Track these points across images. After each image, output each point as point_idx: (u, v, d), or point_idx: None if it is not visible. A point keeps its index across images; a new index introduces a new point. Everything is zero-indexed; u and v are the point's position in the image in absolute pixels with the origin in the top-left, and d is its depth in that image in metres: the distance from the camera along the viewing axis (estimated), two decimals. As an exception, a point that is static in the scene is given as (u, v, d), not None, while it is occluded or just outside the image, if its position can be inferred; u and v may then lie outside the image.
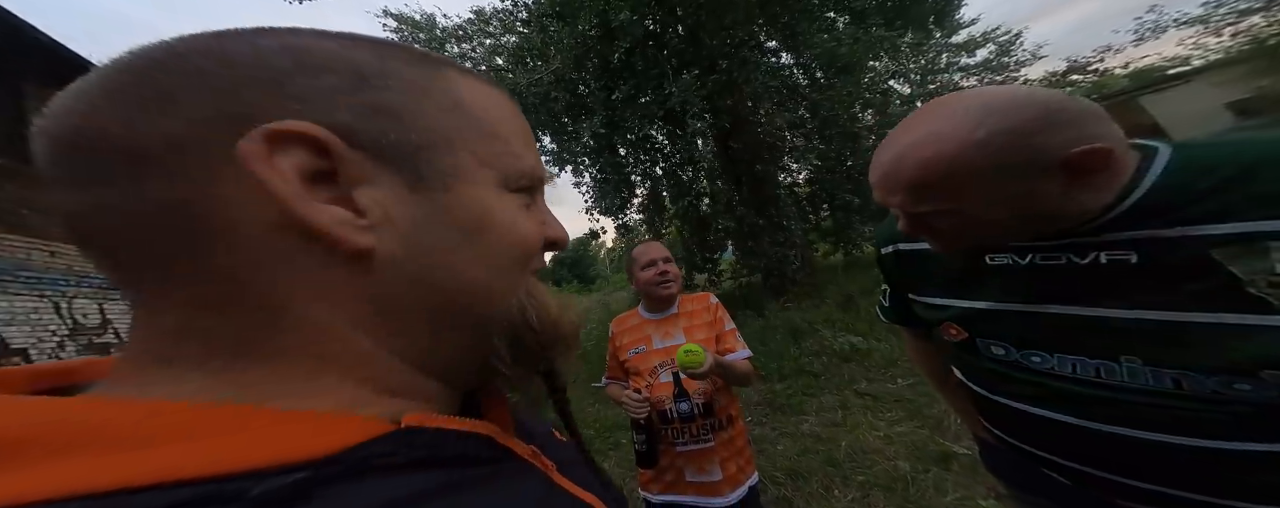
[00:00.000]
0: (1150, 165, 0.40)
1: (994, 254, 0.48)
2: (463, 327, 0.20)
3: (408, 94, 0.19)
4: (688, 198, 5.21)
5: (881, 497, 1.57)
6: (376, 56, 0.19)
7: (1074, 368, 0.43)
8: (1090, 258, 0.41)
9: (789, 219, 4.98)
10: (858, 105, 5.60)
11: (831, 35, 4.89)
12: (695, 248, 6.09)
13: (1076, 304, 0.43)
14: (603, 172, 5.35)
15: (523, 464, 0.23)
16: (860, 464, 1.79)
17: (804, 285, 4.76)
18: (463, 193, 0.20)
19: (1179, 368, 0.38)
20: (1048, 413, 0.46)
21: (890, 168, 0.43)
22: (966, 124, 0.38)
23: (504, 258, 0.21)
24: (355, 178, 0.17)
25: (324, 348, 0.17)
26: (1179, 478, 0.41)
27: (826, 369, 2.93)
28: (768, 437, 2.23)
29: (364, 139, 0.18)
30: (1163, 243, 0.38)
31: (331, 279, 0.17)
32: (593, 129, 4.59)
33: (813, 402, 2.54)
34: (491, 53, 5.18)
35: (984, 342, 0.50)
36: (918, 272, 0.59)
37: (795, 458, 1.94)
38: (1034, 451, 0.51)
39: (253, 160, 0.15)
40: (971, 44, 10.21)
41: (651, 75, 4.39)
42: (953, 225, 0.43)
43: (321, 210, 0.17)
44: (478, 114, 0.21)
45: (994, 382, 0.52)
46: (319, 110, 0.17)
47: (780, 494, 1.71)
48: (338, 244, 0.17)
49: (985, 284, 0.49)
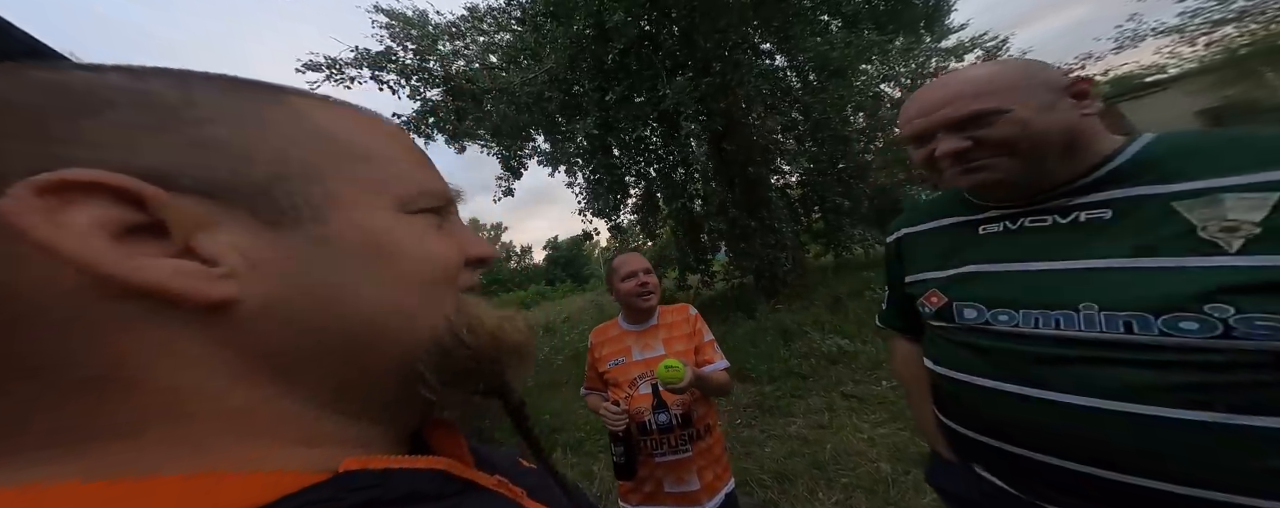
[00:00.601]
0: (1132, 144, 0.47)
1: (990, 222, 0.54)
2: (380, 360, 0.19)
3: (237, 126, 0.17)
4: (681, 199, 5.24)
5: (863, 498, 1.62)
6: (177, 85, 0.17)
7: (1037, 322, 0.47)
8: (1072, 217, 0.47)
9: (780, 221, 5.04)
10: (849, 108, 5.66)
11: (824, 39, 4.94)
12: (688, 249, 6.13)
13: (1051, 259, 0.47)
14: (596, 172, 5.34)
15: (487, 494, 0.22)
16: (844, 467, 1.84)
17: (795, 287, 4.82)
18: (347, 222, 0.18)
19: (1130, 310, 0.41)
20: (1004, 385, 0.49)
21: (950, 85, 0.49)
22: (990, 64, 0.50)
23: (415, 282, 0.20)
24: (189, 226, 0.15)
25: (201, 410, 0.15)
26: (1118, 456, 0.42)
27: (815, 371, 2.99)
28: (756, 439, 2.27)
29: (188, 181, 0.15)
30: (1133, 199, 0.44)
31: (190, 337, 0.15)
32: (586, 130, 4.59)
33: (800, 404, 2.60)
34: (485, 50, 5.13)
35: (959, 306, 0.54)
36: (915, 252, 0.64)
37: (782, 460, 1.98)
38: (985, 439, 0.53)
39: (21, 218, 0.13)
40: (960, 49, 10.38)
41: (645, 76, 4.39)
42: (1005, 132, 0.46)
43: (149, 266, 0.15)
44: (347, 138, 0.20)
45: (953, 354, 0.55)
46: (113, 156, 0.14)
47: (767, 498, 1.75)
48: (185, 300, 0.15)
49: (975, 249, 0.55)
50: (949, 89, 0.49)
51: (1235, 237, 0.38)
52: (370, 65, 4.48)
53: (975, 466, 0.56)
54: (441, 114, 4.73)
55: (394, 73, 4.54)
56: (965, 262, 0.55)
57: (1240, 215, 0.38)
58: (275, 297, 0.16)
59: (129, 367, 0.15)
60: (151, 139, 0.15)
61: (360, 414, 0.19)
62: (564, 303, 14.33)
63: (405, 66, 4.52)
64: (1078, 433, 0.44)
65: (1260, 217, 0.38)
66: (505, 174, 5.65)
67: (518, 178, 5.71)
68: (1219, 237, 0.39)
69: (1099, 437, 0.43)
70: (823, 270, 6.09)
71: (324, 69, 4.40)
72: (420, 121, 4.75)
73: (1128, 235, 0.44)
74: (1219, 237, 0.39)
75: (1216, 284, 0.38)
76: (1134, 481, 0.41)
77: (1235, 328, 0.37)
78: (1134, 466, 0.41)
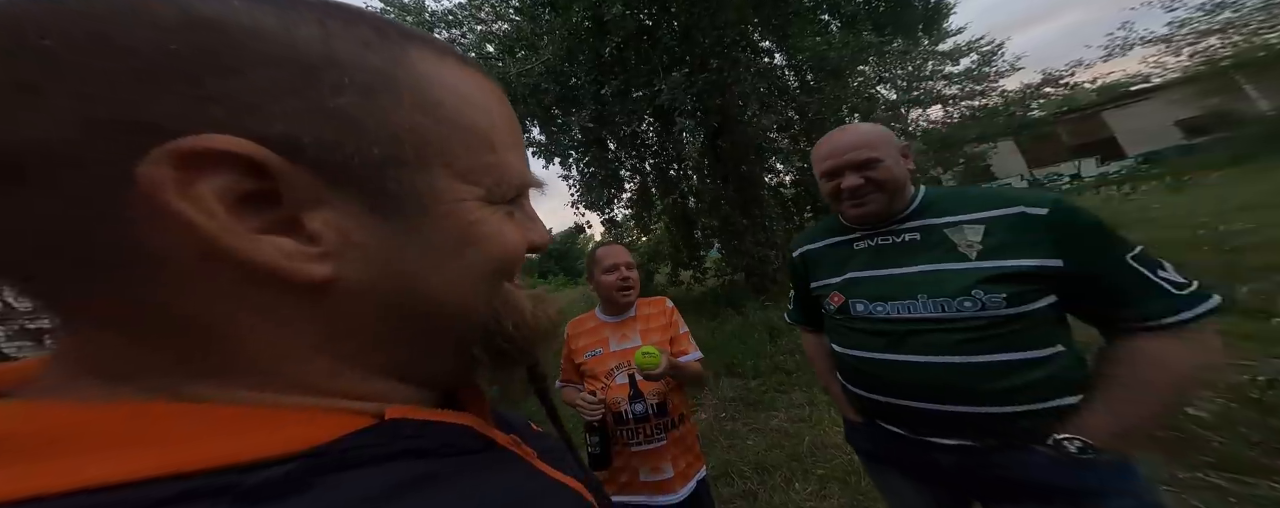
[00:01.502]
0: (918, 192, 0.75)
1: (860, 241, 0.78)
2: (442, 342, 0.20)
3: (368, 94, 0.16)
4: (675, 195, 5.26)
5: (836, 489, 1.69)
6: (323, 36, 0.16)
7: (896, 310, 0.69)
8: (902, 238, 0.73)
9: (773, 220, 5.09)
10: (845, 109, 5.72)
11: (823, 38, 4.96)
12: (681, 245, 6.17)
13: (899, 267, 0.71)
14: (591, 166, 5.34)
15: (505, 453, 0.23)
16: (821, 459, 1.91)
17: (784, 285, 4.90)
18: (442, 214, 0.18)
19: (941, 297, 0.65)
20: (879, 354, 0.71)
21: (846, 137, 0.74)
22: (866, 125, 0.76)
23: (486, 272, 0.20)
24: (302, 200, 0.15)
25: (281, 369, 0.17)
26: (942, 392, 0.65)
27: (799, 367, 3.06)
28: (739, 432, 2.34)
29: (311, 154, 0.15)
30: (927, 227, 0.71)
31: (283, 309, 0.16)
32: (582, 123, 4.57)
33: (783, 398, 2.67)
34: (482, 39, 5.05)
35: (852, 302, 0.76)
36: (816, 265, 0.86)
37: (762, 453, 2.05)
38: (871, 395, 0.74)
39: (162, 191, 0.13)
40: (956, 53, 10.43)
41: (642, 71, 4.38)
42: (880, 175, 0.71)
43: (260, 244, 0.15)
44: (459, 118, 0.19)
45: (853, 338, 0.76)
46: (250, 119, 0.14)
47: (745, 488, 1.82)
48: (288, 278, 0.15)
49: (854, 261, 0.78)
50: (853, 138, 0.73)
51: (973, 250, 0.65)
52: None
53: (877, 420, 0.77)
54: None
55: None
56: (849, 270, 0.78)
57: (971, 237, 0.66)
58: (362, 280, 0.17)
59: (226, 322, 0.15)
60: (288, 103, 0.15)
61: (413, 381, 0.21)
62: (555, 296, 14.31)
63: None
64: (922, 380, 0.66)
65: (979, 238, 0.65)
66: (500, 165, 5.60)
67: (512, 169, 5.66)
68: (966, 250, 0.66)
69: (931, 381, 0.66)
70: (812, 269, 6.16)
71: None
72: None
73: (929, 250, 0.69)
74: (966, 250, 0.66)
75: (974, 279, 0.63)
76: (949, 408, 0.65)
77: (985, 304, 0.61)
78: (948, 397, 0.64)
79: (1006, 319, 0.61)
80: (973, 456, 0.65)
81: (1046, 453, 0.59)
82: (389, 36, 0.18)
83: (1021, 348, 0.60)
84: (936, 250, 0.68)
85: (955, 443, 0.66)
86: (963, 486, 0.70)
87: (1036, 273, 0.60)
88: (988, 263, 0.63)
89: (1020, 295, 0.60)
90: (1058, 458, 0.58)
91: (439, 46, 0.20)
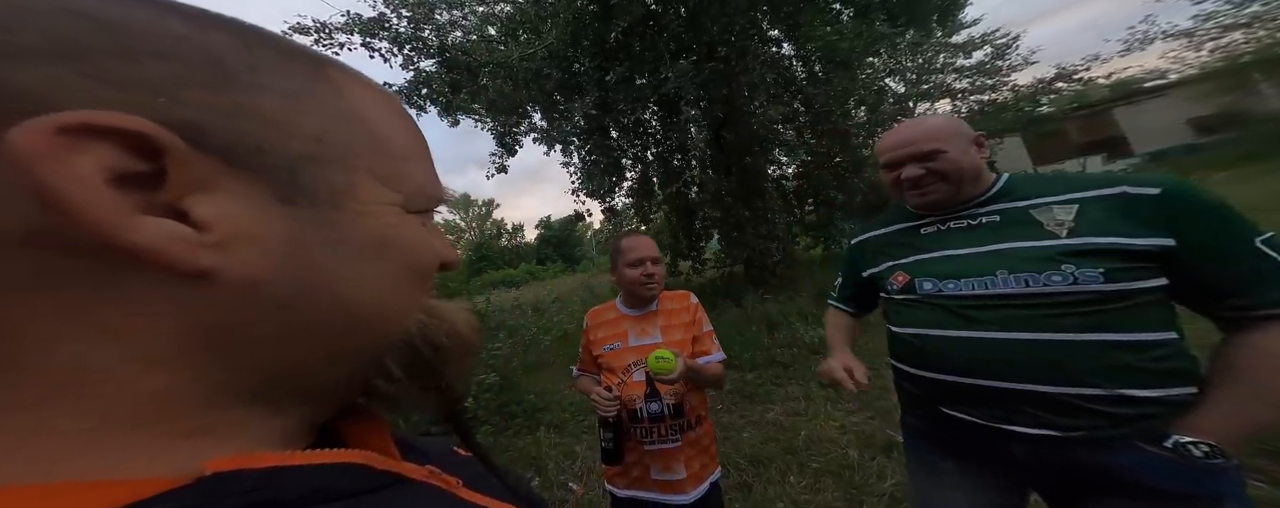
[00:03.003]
0: (998, 179, 0.76)
1: (928, 225, 0.79)
2: (348, 350, 0.19)
3: (287, 97, 0.17)
4: (677, 185, 5.21)
5: (831, 482, 1.73)
6: (241, 44, 0.16)
7: (969, 286, 0.69)
8: (977, 220, 0.74)
9: (774, 212, 5.06)
10: (852, 102, 5.62)
11: (834, 28, 4.84)
12: (681, 235, 6.15)
13: (972, 246, 0.72)
14: (593, 153, 5.27)
15: (416, 487, 0.21)
16: (816, 453, 1.95)
17: (783, 278, 4.91)
18: (358, 212, 0.18)
19: (1024, 271, 0.64)
20: (949, 332, 0.71)
21: (910, 130, 0.76)
22: (937, 117, 0.78)
23: (404, 280, 0.20)
24: (192, 184, 0.14)
25: (99, 392, 0.14)
26: (1025, 370, 0.62)
27: (795, 360, 3.10)
28: (735, 424, 2.38)
29: (213, 141, 0.15)
30: (1008, 210, 0.71)
31: (127, 308, 0.14)
32: (585, 109, 4.49)
33: (780, 391, 2.70)
34: (483, 21, 4.91)
35: (919, 280, 0.76)
36: (876, 251, 0.87)
37: (758, 446, 2.09)
38: (936, 375, 0.73)
39: (35, 160, 0.12)
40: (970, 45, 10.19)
41: (648, 58, 4.28)
42: (943, 165, 0.73)
43: (147, 226, 0.13)
44: (376, 128, 0.20)
45: (917, 316, 0.76)
46: (151, 103, 0.14)
47: (741, 480, 1.85)
48: (170, 265, 0.14)
49: (922, 242, 0.79)
50: (916, 131, 0.75)
51: (1062, 228, 0.64)
52: (361, 31, 4.26)
53: (941, 407, 0.74)
54: (435, 86, 4.56)
55: (386, 40, 4.32)
56: (916, 252, 0.79)
57: (1062, 216, 0.65)
58: (258, 275, 0.16)
59: (26, 337, 0.13)
60: (197, 95, 0.15)
61: (281, 404, 0.18)
62: (554, 283, 14.35)
63: (398, 34, 4.31)
64: (999, 356, 0.65)
65: (1070, 217, 0.64)
66: (499, 150, 5.55)
67: (512, 155, 5.61)
68: (1055, 229, 0.65)
69: (1012, 356, 0.64)
70: (811, 262, 6.19)
71: (312, 33, 4.19)
72: (413, 92, 4.59)
73: (1011, 229, 0.70)
74: (1055, 229, 0.65)
75: (1062, 253, 0.62)
76: (1032, 387, 0.62)
77: (1078, 278, 0.60)
78: (1031, 374, 0.62)
79: (1105, 296, 0.58)
80: (1055, 448, 0.61)
81: (1164, 455, 0.55)
82: (306, 54, 0.19)
83: (1126, 329, 0.58)
84: (1019, 229, 0.68)
85: (1037, 433, 0.62)
86: (1037, 479, 0.67)
87: (1143, 252, 0.58)
88: (1078, 239, 0.62)
89: (1123, 272, 0.58)
90: (1180, 462, 0.54)
91: (351, 70, 0.21)
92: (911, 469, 0.84)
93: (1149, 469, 0.56)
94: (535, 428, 2.77)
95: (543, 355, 4.28)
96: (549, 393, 3.26)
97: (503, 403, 2.90)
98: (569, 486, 2.07)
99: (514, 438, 2.65)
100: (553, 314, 6.00)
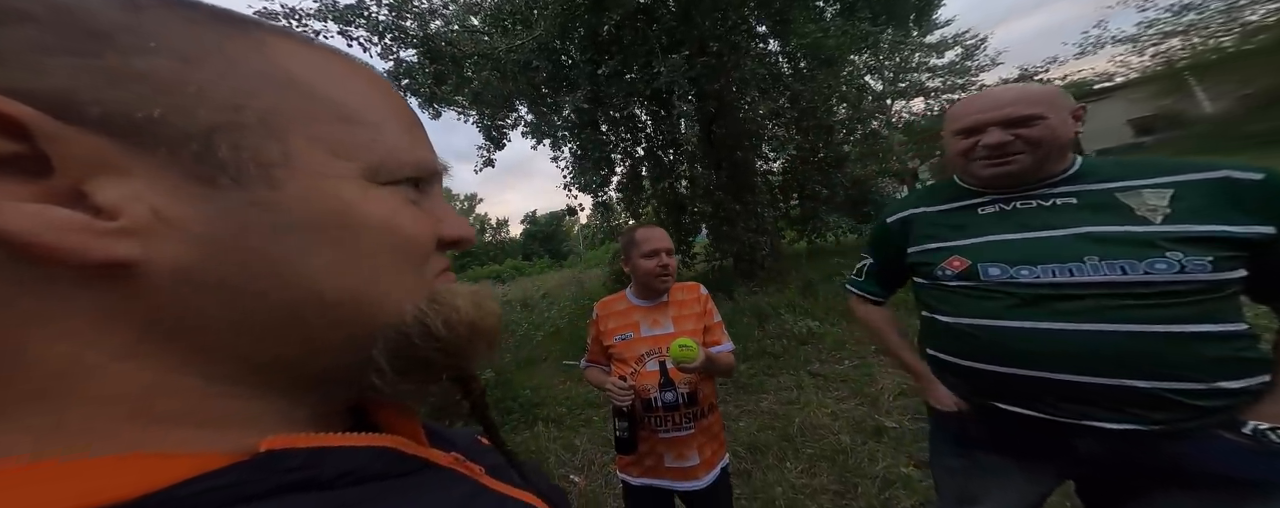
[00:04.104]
0: (1076, 160, 0.71)
1: (987, 205, 0.73)
2: (331, 340, 0.17)
3: (183, 59, 0.15)
4: (668, 180, 5.23)
5: (825, 467, 1.82)
6: (122, 7, 0.14)
7: (1052, 273, 0.63)
8: (1051, 201, 0.68)
9: (762, 206, 5.16)
10: (835, 98, 5.76)
11: (819, 26, 4.92)
12: (671, 229, 6.18)
13: (1051, 229, 0.66)
14: (583, 148, 5.22)
15: (442, 472, 0.21)
16: (810, 439, 2.04)
17: (771, 271, 5.03)
18: (303, 188, 0.16)
19: (1120, 258, 0.59)
20: (1018, 322, 0.64)
21: (1005, 93, 0.69)
22: (1033, 84, 0.70)
23: (378, 263, 0.18)
24: (84, 166, 0.13)
25: (78, 391, 0.13)
26: (1117, 365, 0.58)
27: (785, 351, 3.19)
28: (731, 414, 2.45)
29: (95, 113, 0.13)
30: (1088, 192, 0.66)
31: (65, 304, 0.13)
32: (576, 103, 4.43)
33: (772, 381, 2.79)
34: (466, 10, 4.75)
35: (983, 265, 0.69)
36: (923, 230, 0.80)
37: (755, 434, 2.16)
38: (997, 368, 0.67)
39: None
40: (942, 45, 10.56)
41: (640, 52, 4.25)
42: (1038, 132, 0.66)
43: (14, 212, 0.12)
44: (323, 91, 0.18)
45: (979, 305, 0.69)
46: (7, 73, 0.12)
47: (741, 468, 1.92)
48: (55, 257, 0.13)
49: (982, 224, 0.72)
50: (1012, 94, 0.68)
51: (1156, 214, 0.60)
52: (337, 19, 4.05)
53: (995, 401, 0.69)
54: (417, 77, 4.40)
55: (364, 28, 4.13)
56: (975, 234, 0.72)
57: (1154, 201, 0.61)
58: (193, 262, 0.14)
59: (22, 341, 0.13)
60: (63, 62, 0.13)
61: (293, 391, 0.18)
62: (542, 279, 14.18)
63: (377, 22, 4.13)
64: (1082, 350, 0.60)
65: (1165, 202, 0.61)
66: (486, 144, 5.42)
67: (500, 148, 5.49)
68: (1147, 214, 0.61)
69: (1100, 350, 0.59)
70: (797, 256, 6.35)
71: (282, 19, 3.96)
72: (393, 83, 4.41)
73: (1093, 213, 0.64)
74: (1147, 214, 0.61)
75: (1162, 239, 0.58)
76: (1125, 382, 0.58)
77: (1185, 266, 0.56)
78: (1125, 370, 0.58)
79: (1210, 286, 0.56)
80: (1132, 441, 0.58)
81: (1243, 443, 0.54)
82: (223, 16, 0.17)
83: (1221, 320, 0.56)
84: (1104, 214, 0.63)
85: (1119, 428, 0.58)
86: (1096, 473, 0.64)
87: (1243, 240, 0.56)
88: (1182, 226, 0.58)
89: (1228, 261, 0.56)
90: (1257, 448, 0.53)
91: (298, 36, 0.19)
92: (944, 462, 0.80)
93: (1225, 458, 0.55)
94: (532, 423, 2.78)
95: (535, 352, 4.26)
96: (544, 388, 3.26)
97: (498, 399, 2.90)
98: (571, 478, 2.09)
99: (512, 434, 2.65)
100: (543, 310, 5.95)
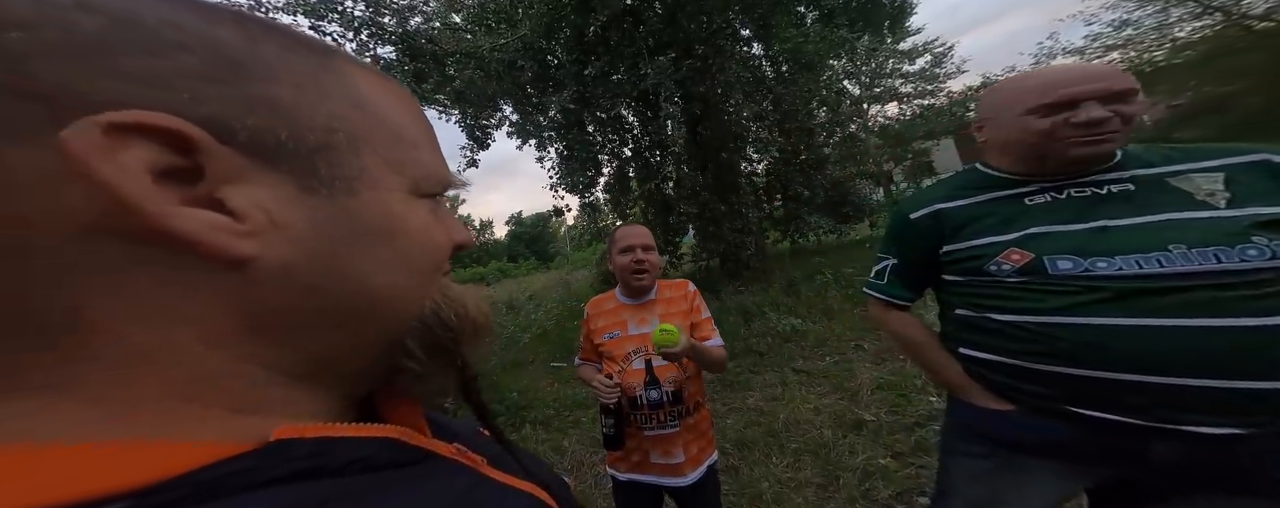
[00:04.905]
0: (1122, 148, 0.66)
1: (1035, 195, 0.66)
2: (371, 333, 0.20)
3: (298, 88, 0.17)
4: (655, 181, 5.27)
5: (810, 461, 1.89)
6: (245, 37, 0.17)
7: (1136, 264, 0.56)
8: (1105, 189, 0.63)
9: (747, 207, 5.26)
10: (815, 102, 5.93)
11: (800, 31, 5.06)
12: (657, 230, 6.23)
13: (1122, 217, 0.60)
14: (570, 148, 5.20)
15: (444, 463, 0.22)
16: (794, 434, 2.11)
17: (756, 271, 5.13)
18: (371, 199, 0.19)
19: (1212, 245, 0.54)
20: (1099, 319, 0.57)
21: (1095, 67, 0.63)
22: (1110, 64, 0.65)
23: (417, 264, 0.21)
24: (226, 177, 0.15)
25: (155, 372, 0.15)
26: (1208, 363, 0.52)
27: (770, 349, 3.28)
28: (718, 412, 2.50)
29: (241, 136, 0.16)
30: (1141, 177, 0.62)
31: (182, 293, 0.15)
32: (562, 103, 4.41)
33: (757, 378, 2.86)
34: (448, 8, 4.65)
35: (1050, 258, 0.61)
36: (961, 223, 0.71)
37: (741, 430, 2.22)
38: (1070, 371, 0.59)
39: (90, 156, 0.13)
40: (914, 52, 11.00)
41: (626, 53, 4.26)
42: (1135, 109, 0.61)
43: (186, 216, 0.14)
44: (383, 115, 0.20)
45: (1047, 301, 0.61)
46: (172, 99, 0.14)
47: (729, 464, 1.97)
48: (214, 253, 0.15)
49: (1031, 216, 0.65)
50: (1101, 68, 0.62)
51: (1217, 198, 0.56)
52: (308, 13, 3.87)
53: (1061, 405, 0.61)
54: (395, 74, 4.28)
55: (338, 24, 3.98)
56: (1031, 225, 0.64)
57: (1209, 185, 0.57)
58: (289, 261, 0.17)
59: (92, 317, 0.14)
60: (216, 89, 0.15)
61: (327, 382, 0.20)
62: (528, 280, 13.99)
63: (353, 18, 3.98)
64: (1183, 348, 0.53)
65: (1220, 185, 0.57)
66: (469, 143, 5.33)
67: (484, 148, 5.41)
68: (1208, 198, 0.57)
69: (1201, 349, 0.52)
70: (780, 256, 6.50)
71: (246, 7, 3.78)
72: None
73: (1157, 198, 0.59)
74: (1208, 198, 0.57)
75: (1246, 224, 0.54)
76: (1235, 384, 0.51)
77: (1276, 252, 0.52)
78: (1235, 370, 0.51)
79: None
80: (1224, 446, 0.52)
81: None
82: (311, 45, 0.19)
83: None
84: (1168, 199, 0.58)
85: (1217, 432, 0.52)
86: (1163, 479, 0.58)
87: None
88: (1252, 209, 0.54)
89: None
90: None
91: (357, 60, 0.22)
92: (965, 463, 0.73)
93: None
94: (520, 425, 2.76)
95: (521, 354, 4.22)
96: (531, 390, 3.24)
97: (485, 402, 2.86)
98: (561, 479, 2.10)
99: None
100: (530, 312, 5.90)
